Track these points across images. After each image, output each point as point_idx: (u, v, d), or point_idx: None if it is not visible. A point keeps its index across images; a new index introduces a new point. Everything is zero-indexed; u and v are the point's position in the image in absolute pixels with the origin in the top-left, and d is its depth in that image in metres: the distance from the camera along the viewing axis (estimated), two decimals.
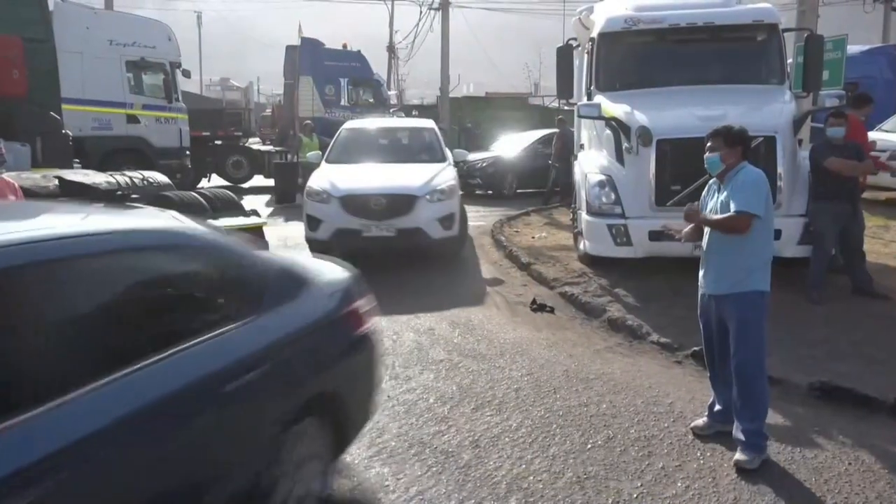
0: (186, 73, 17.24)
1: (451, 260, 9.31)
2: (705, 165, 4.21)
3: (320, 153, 16.10)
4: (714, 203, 4.16)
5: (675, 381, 5.21)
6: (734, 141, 4.06)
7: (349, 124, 11.34)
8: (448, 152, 10.36)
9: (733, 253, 4.02)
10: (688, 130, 7.20)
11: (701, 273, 4.28)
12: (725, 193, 4.05)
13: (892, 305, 6.61)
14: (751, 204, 3.89)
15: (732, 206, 3.94)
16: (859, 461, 3.96)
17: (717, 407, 4.32)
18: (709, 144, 4.17)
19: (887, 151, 10.64)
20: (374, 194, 8.49)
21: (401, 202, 8.48)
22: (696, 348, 5.57)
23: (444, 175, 9.21)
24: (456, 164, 10.34)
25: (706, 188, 4.40)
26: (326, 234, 8.51)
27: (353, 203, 8.47)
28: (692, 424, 4.40)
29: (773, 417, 4.45)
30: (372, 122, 12.06)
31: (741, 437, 3.98)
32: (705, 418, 4.38)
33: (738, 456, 3.93)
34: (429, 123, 11.49)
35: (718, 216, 4.03)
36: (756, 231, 3.94)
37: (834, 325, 6.03)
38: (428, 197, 8.61)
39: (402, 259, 9.01)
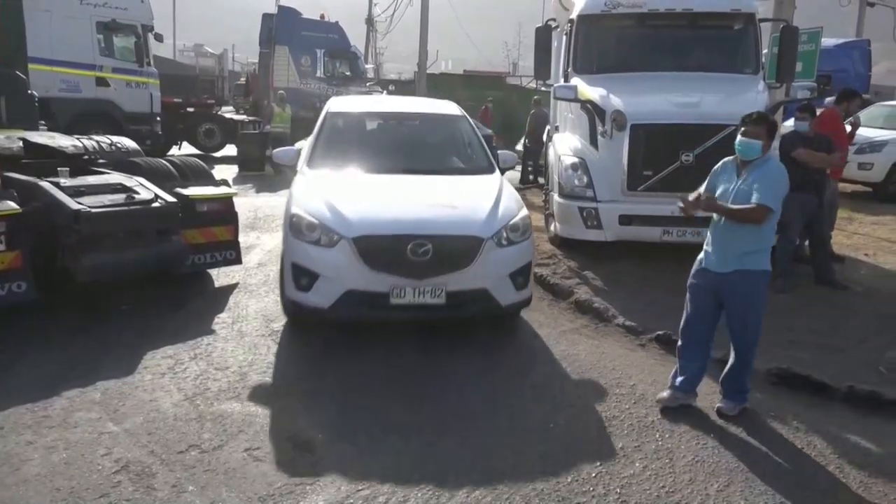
0: (159, 37, 16.86)
1: None
2: (737, 148, 4.22)
3: (287, 124, 15.59)
4: (732, 187, 4.22)
5: (638, 363, 5.28)
6: (772, 132, 4.21)
7: (336, 104, 7.38)
8: (493, 155, 6.81)
9: (743, 235, 4.17)
10: (662, 116, 7.27)
11: (706, 250, 4.39)
12: (748, 181, 4.14)
13: (853, 296, 6.76)
14: (774, 199, 4.06)
15: (755, 197, 4.04)
16: (812, 446, 4.07)
17: (679, 378, 4.51)
18: (746, 129, 4.16)
19: (856, 144, 10.81)
20: (415, 235, 5.02)
21: (456, 248, 5.14)
22: (659, 332, 5.68)
23: (508, 199, 5.78)
24: (502, 171, 6.75)
25: (720, 166, 4.43)
26: (328, 299, 5.12)
27: (379, 249, 5.06)
28: (658, 396, 4.59)
29: (716, 409, 4.55)
30: (370, 103, 8.31)
31: (732, 391, 4.45)
32: (669, 390, 4.57)
33: (721, 404, 4.43)
34: (455, 108, 7.47)
35: (737, 207, 4.12)
36: (769, 220, 4.12)
37: (796, 314, 6.15)
38: (496, 239, 5.29)
39: None
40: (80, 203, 5.54)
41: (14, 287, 5.18)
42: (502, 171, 6.66)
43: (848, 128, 8.21)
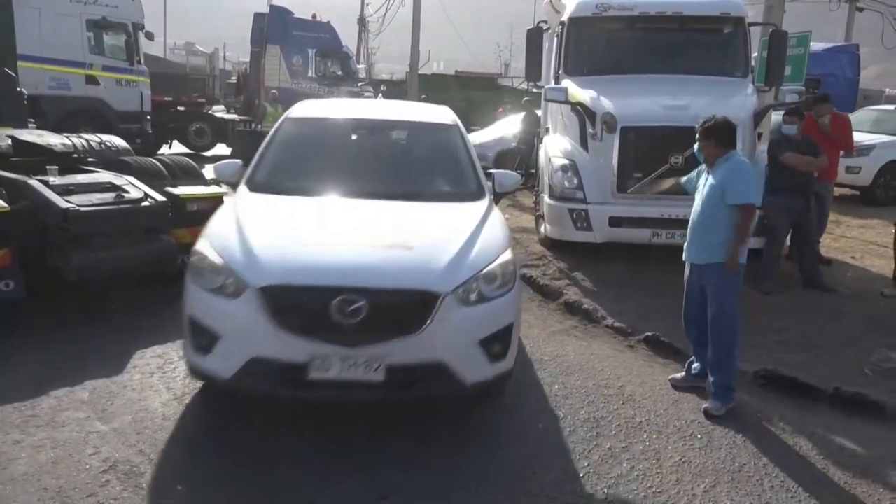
0: (150, 36, 16.79)
1: None
2: (696, 153, 4.75)
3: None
4: (703, 184, 4.63)
5: (626, 364, 5.31)
6: (721, 140, 4.51)
7: (300, 109, 6.07)
8: (484, 177, 5.39)
9: (714, 228, 4.47)
10: (652, 119, 7.31)
11: (686, 244, 4.72)
12: (715, 178, 4.49)
13: (840, 298, 6.82)
14: (749, 193, 4.42)
15: (732, 199, 4.37)
16: (798, 447, 4.11)
17: (696, 365, 4.85)
18: (697, 137, 4.65)
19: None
20: (343, 287, 3.71)
21: (401, 306, 3.83)
22: (648, 334, 5.71)
23: (490, 237, 4.40)
24: (497, 196, 5.41)
25: (696, 171, 4.89)
26: (229, 367, 3.80)
27: (294, 304, 3.77)
28: (670, 377, 4.98)
29: (703, 408, 4.58)
30: (343, 108, 6.54)
31: (712, 388, 4.55)
32: (683, 373, 4.94)
33: (707, 404, 4.51)
34: (447, 116, 6.08)
35: (737, 232, 4.40)
36: (733, 211, 4.40)
37: (783, 316, 6.20)
38: (461, 293, 3.91)
39: None
40: (69, 201, 5.52)
41: (2, 286, 5.16)
42: (498, 197, 5.40)
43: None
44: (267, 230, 4.27)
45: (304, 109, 6.10)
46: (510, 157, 15.41)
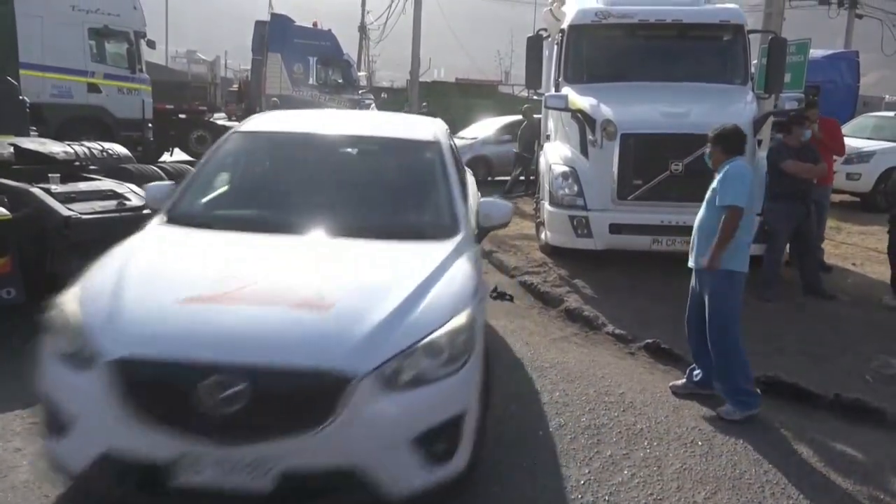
0: (151, 44, 16.87)
1: None
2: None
3: None
4: (709, 191, 4.65)
5: (627, 371, 5.31)
6: (729, 147, 4.59)
7: (254, 122, 5.21)
8: (463, 208, 4.28)
9: (710, 232, 4.49)
10: (652, 126, 7.33)
11: (690, 249, 4.77)
12: (715, 186, 4.57)
13: (840, 305, 6.82)
14: (733, 196, 4.39)
15: (718, 202, 4.44)
16: (798, 454, 4.11)
17: (697, 372, 4.85)
18: (708, 143, 4.72)
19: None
20: (215, 364, 2.73)
21: (296, 392, 2.78)
22: (648, 341, 5.72)
23: (444, 292, 3.29)
24: (482, 232, 4.29)
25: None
26: (79, 460, 2.89)
27: (154, 385, 2.80)
28: (671, 384, 4.99)
29: (716, 410, 4.59)
30: (304, 121, 5.45)
31: (722, 394, 4.58)
32: (684, 380, 4.95)
33: (721, 407, 4.53)
34: (430, 132, 4.97)
35: (718, 237, 4.42)
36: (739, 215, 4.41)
37: (783, 323, 6.20)
38: (386, 374, 2.85)
39: None
40: (70, 209, 5.53)
41: (3, 293, 5.17)
42: (483, 233, 4.33)
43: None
44: (151, 279, 3.29)
45: (259, 123, 5.21)
46: (481, 164, 15.54)
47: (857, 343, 5.78)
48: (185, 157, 18.80)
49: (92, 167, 7.05)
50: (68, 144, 7.18)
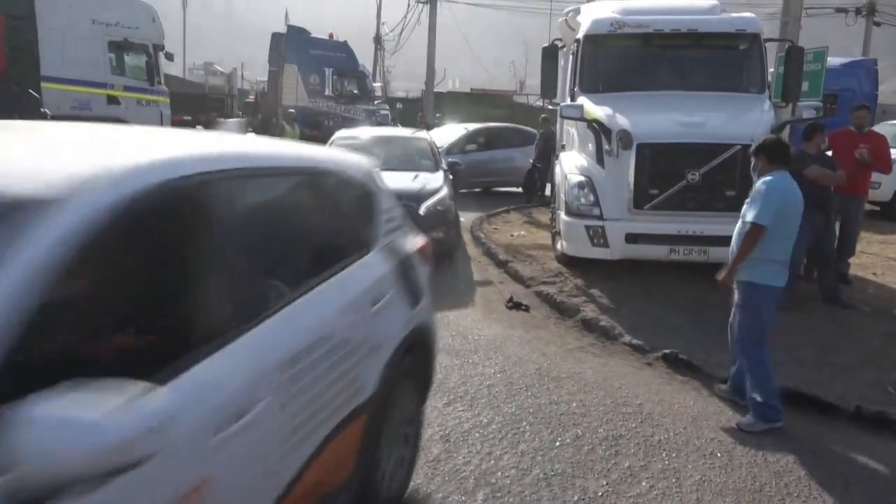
0: (170, 56, 17.09)
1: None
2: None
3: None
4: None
5: (644, 382, 5.28)
6: (771, 157, 4.60)
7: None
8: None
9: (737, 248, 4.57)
10: (668, 136, 7.31)
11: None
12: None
13: (859, 315, 6.75)
14: (756, 214, 4.39)
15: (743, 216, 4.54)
16: (818, 466, 4.06)
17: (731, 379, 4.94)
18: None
19: None
20: None
21: None
22: (666, 351, 5.68)
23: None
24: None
25: None
26: None
27: None
28: (715, 385, 5.08)
29: (736, 421, 4.56)
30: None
31: (749, 402, 4.57)
32: (728, 384, 4.99)
33: (742, 418, 4.56)
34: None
35: (734, 258, 4.56)
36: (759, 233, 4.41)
37: (801, 333, 6.14)
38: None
39: None
40: None
41: None
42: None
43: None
44: None
45: None
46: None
47: (877, 354, 5.72)
48: None
49: None
50: None
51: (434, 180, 8.90)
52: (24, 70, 8.28)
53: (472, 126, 17.27)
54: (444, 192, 8.71)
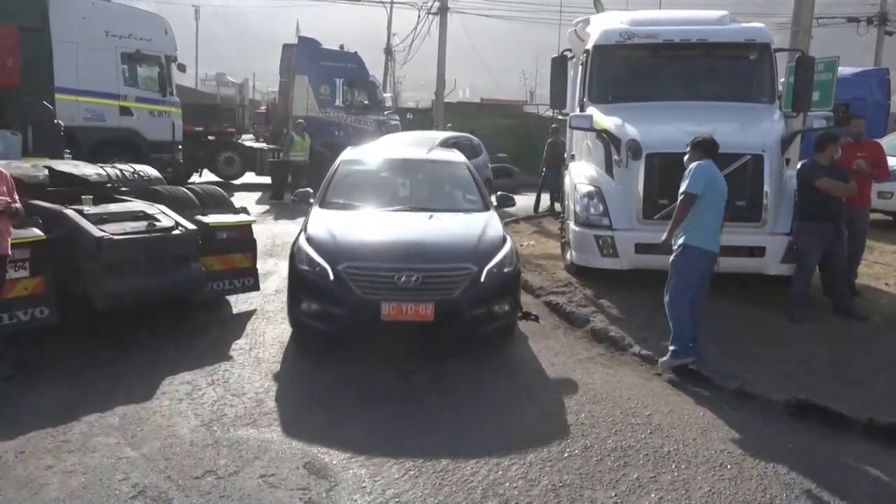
0: (182, 68, 17.19)
1: None
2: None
3: (306, 153, 15.87)
4: None
5: (653, 393, 5.25)
6: (698, 150, 5.62)
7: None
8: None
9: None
10: (677, 145, 7.23)
11: None
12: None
13: (871, 326, 6.69)
14: (688, 186, 5.37)
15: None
16: (830, 478, 4.02)
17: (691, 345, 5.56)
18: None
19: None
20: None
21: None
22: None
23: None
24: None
25: None
26: None
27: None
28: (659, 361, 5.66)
29: (748, 432, 4.53)
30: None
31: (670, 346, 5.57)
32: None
33: (663, 358, 5.57)
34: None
35: (673, 219, 5.52)
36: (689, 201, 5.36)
37: (813, 344, 6.10)
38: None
39: None
40: (102, 230, 5.65)
41: (37, 312, 5.28)
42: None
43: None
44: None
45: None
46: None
47: (890, 366, 5.65)
48: (214, 178, 19.11)
49: (123, 189, 7.19)
50: (101, 167, 7.33)
51: (490, 227, 6.33)
52: (38, 82, 8.34)
53: (443, 134, 16.63)
54: (509, 245, 6.13)
